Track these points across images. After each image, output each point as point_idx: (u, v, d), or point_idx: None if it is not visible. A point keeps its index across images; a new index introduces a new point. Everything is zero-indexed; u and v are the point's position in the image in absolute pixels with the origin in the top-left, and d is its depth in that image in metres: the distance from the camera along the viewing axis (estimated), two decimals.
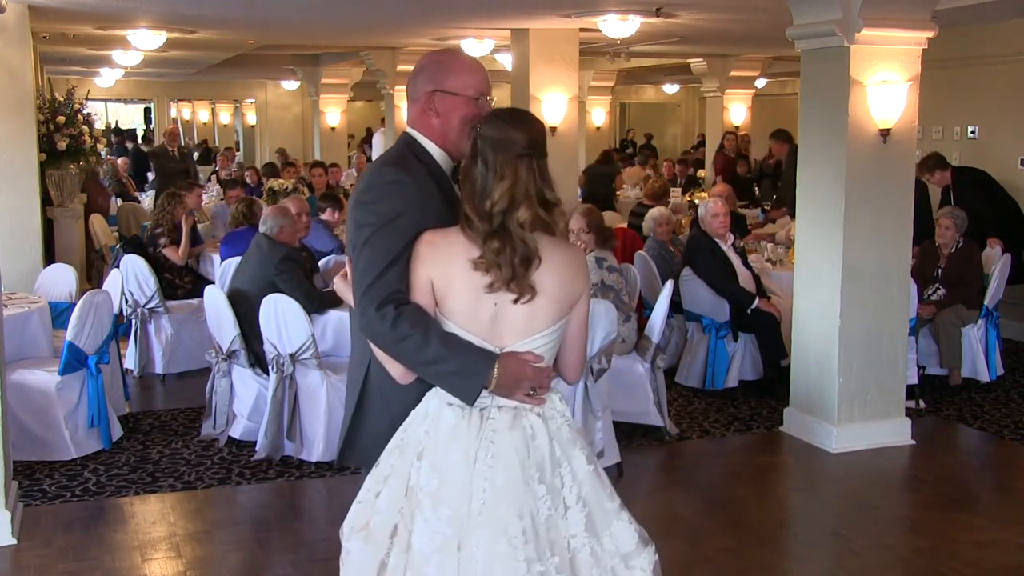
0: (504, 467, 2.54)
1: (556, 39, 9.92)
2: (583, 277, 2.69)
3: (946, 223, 7.65)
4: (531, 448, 2.58)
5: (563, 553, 2.56)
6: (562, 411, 2.69)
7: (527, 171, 2.58)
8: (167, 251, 8.35)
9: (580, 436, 2.70)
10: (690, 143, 22.43)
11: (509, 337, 2.60)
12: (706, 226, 7.49)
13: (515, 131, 2.61)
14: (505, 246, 2.54)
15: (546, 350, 2.65)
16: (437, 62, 2.89)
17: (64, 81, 16.04)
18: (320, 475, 5.77)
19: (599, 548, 2.61)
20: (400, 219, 2.64)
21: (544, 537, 2.54)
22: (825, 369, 6.28)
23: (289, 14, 10.20)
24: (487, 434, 2.57)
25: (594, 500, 2.63)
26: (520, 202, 2.55)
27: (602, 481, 2.66)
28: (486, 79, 2.84)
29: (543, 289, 2.58)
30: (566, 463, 2.61)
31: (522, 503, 2.53)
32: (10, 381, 5.58)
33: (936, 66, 7.79)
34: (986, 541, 5.03)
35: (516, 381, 2.57)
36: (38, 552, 4.77)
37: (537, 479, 2.56)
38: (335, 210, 9.05)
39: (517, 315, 2.59)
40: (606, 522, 2.64)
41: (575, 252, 2.73)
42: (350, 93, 17.16)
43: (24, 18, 8.45)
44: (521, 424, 2.60)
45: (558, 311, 2.64)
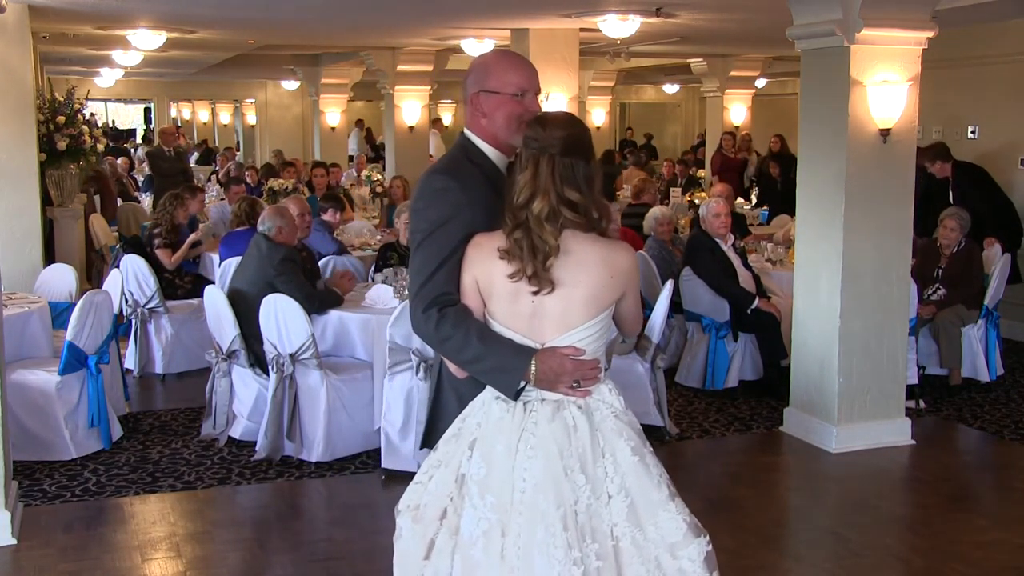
0: (543, 457, 2.63)
1: (556, 39, 9.92)
2: (625, 275, 2.75)
3: (951, 224, 7.64)
4: (572, 439, 2.67)
5: (605, 541, 2.63)
6: (610, 402, 2.75)
7: (547, 166, 2.67)
8: (160, 252, 8.33)
9: (628, 427, 2.74)
10: (690, 143, 22.42)
11: (549, 332, 2.71)
12: (707, 226, 7.50)
13: (543, 130, 2.71)
14: (523, 238, 2.65)
15: (588, 343, 2.71)
16: (480, 63, 3.00)
17: (64, 81, 16.03)
18: (320, 475, 5.77)
19: (642, 537, 2.65)
20: (448, 225, 2.76)
21: (586, 525, 2.62)
22: (825, 369, 6.28)
23: (289, 14, 10.19)
24: (528, 426, 2.68)
25: (637, 490, 2.66)
26: (537, 195, 2.66)
27: (648, 471, 2.69)
28: (529, 75, 2.90)
29: (570, 283, 2.68)
30: (609, 454, 2.68)
31: (560, 492, 2.61)
32: (10, 381, 5.58)
33: (936, 66, 7.79)
34: (986, 541, 5.03)
35: (556, 375, 2.67)
36: (38, 552, 4.77)
37: (578, 469, 2.64)
38: (336, 211, 9.05)
39: (554, 310, 2.69)
40: (650, 512, 2.67)
41: (617, 251, 2.75)
42: (350, 93, 17.17)
43: (24, 18, 8.45)
44: (562, 416, 2.69)
45: (596, 306, 2.71)
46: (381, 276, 6.73)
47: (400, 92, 13.85)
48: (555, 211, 2.65)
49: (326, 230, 8.60)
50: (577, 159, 2.69)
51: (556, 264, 2.66)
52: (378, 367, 5.85)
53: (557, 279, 2.66)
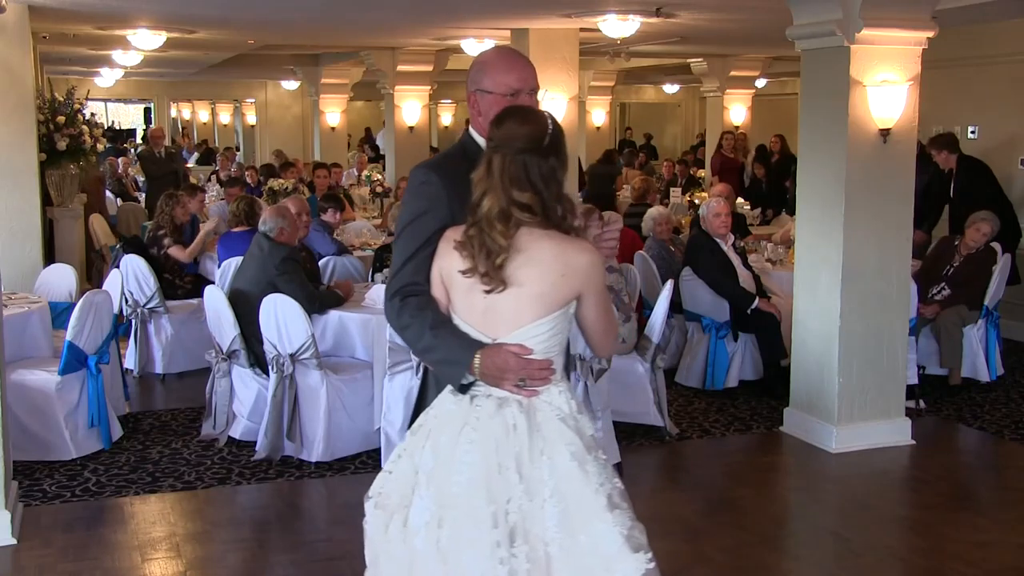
0: (480, 452, 2.63)
1: (556, 39, 9.92)
2: (580, 274, 2.67)
3: (984, 228, 7.62)
4: (511, 437, 2.64)
5: (536, 544, 2.60)
6: (557, 405, 2.70)
7: (499, 165, 2.65)
8: (173, 250, 8.36)
9: (573, 432, 2.68)
10: (690, 143, 22.43)
11: (501, 329, 2.69)
12: (707, 226, 7.50)
13: (498, 128, 2.70)
14: (476, 236, 2.65)
15: (537, 342, 2.67)
16: (477, 62, 3.02)
17: (64, 81, 16.03)
18: (320, 475, 5.77)
19: (573, 545, 2.60)
20: (423, 217, 2.82)
21: (519, 525, 2.59)
22: (825, 369, 6.28)
23: (289, 14, 10.19)
24: (471, 420, 2.68)
25: (572, 496, 2.61)
26: (488, 194, 2.65)
27: (587, 479, 2.63)
28: (524, 76, 2.91)
29: (522, 281, 2.64)
30: (547, 456, 2.63)
31: (492, 489, 2.60)
32: (10, 381, 5.58)
33: (936, 66, 7.79)
34: (986, 541, 5.03)
35: (500, 372, 2.66)
36: (38, 552, 4.77)
37: (513, 468, 2.62)
38: (336, 211, 9.05)
39: (505, 307, 2.67)
40: (584, 520, 2.61)
41: (573, 248, 2.67)
42: (350, 93, 17.16)
43: (24, 18, 8.45)
44: (503, 414, 2.67)
45: (546, 304, 2.67)
46: (381, 276, 6.74)
47: (400, 92, 13.85)
48: (505, 211, 2.63)
49: (326, 230, 8.60)
50: (533, 156, 2.64)
51: (509, 263, 2.62)
52: (378, 367, 5.85)
53: (509, 278, 2.63)
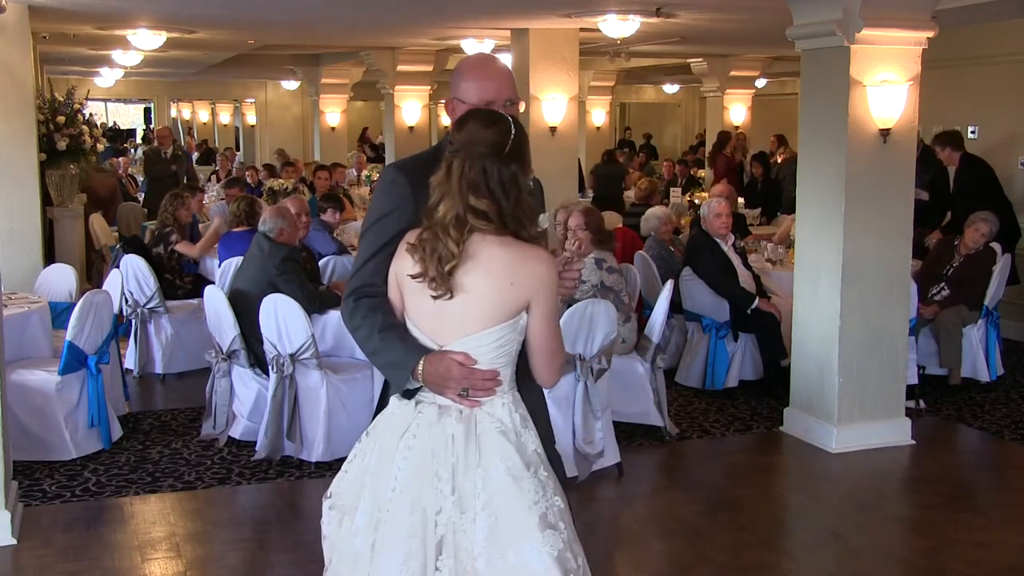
0: (416, 459, 2.61)
1: (556, 39, 9.93)
2: (530, 284, 2.59)
3: (983, 229, 7.63)
4: (448, 447, 2.60)
5: (465, 559, 2.55)
6: (499, 417, 2.63)
7: (458, 170, 2.58)
8: (181, 246, 8.38)
9: (512, 446, 2.60)
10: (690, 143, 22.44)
11: (448, 335, 2.63)
12: (708, 226, 7.50)
13: (458, 131, 2.66)
14: (429, 240, 2.59)
15: (483, 352, 2.61)
16: (456, 68, 2.98)
17: (64, 81, 16.03)
18: (320, 475, 5.77)
19: (500, 563, 2.53)
20: (387, 217, 2.79)
21: (448, 538, 2.56)
22: (825, 369, 6.28)
23: (289, 14, 10.20)
24: (413, 427, 2.65)
25: (504, 512, 2.55)
26: (444, 199, 2.59)
27: (521, 495, 2.55)
28: (497, 87, 2.86)
29: (471, 289, 2.57)
30: (482, 469, 2.58)
31: (420, 497, 2.57)
32: (10, 381, 5.58)
33: (936, 66, 7.79)
34: (986, 541, 5.03)
35: (443, 380, 2.60)
36: (38, 552, 4.77)
37: (447, 478, 2.57)
38: (336, 211, 9.05)
39: (454, 314, 2.61)
40: (513, 537, 2.54)
41: (526, 257, 2.59)
42: (350, 93, 17.17)
43: (24, 18, 8.45)
44: (443, 423, 2.63)
45: (493, 314, 2.59)
46: None
47: (400, 92, 13.86)
48: (460, 217, 2.55)
49: (325, 230, 8.60)
50: (494, 162, 2.57)
51: (460, 270, 2.56)
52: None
53: (458, 285, 2.56)
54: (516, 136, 2.64)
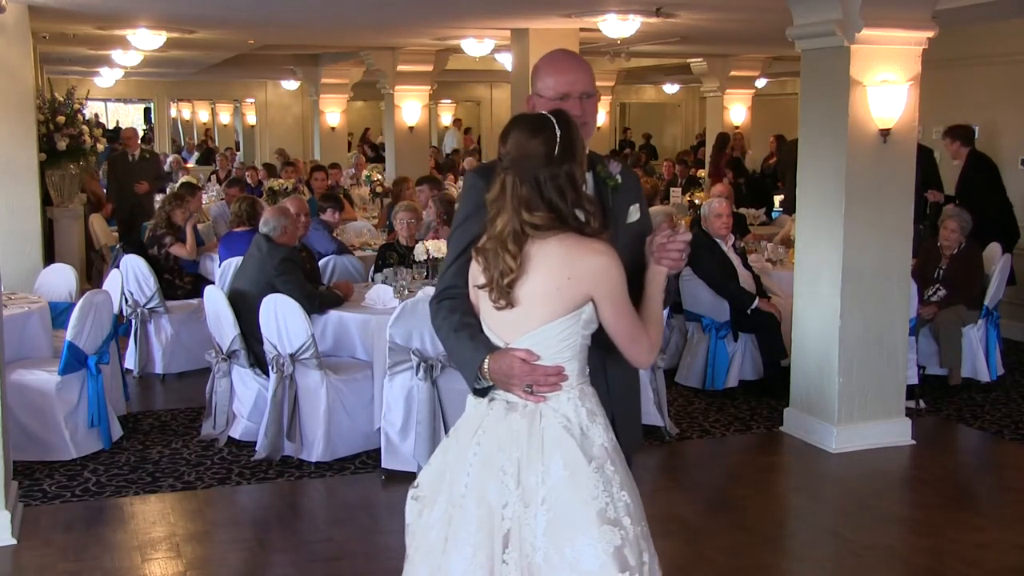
0: (484, 455, 2.66)
1: (556, 39, 9.90)
2: (588, 277, 2.61)
3: (951, 225, 7.64)
4: (513, 442, 2.64)
5: (528, 551, 2.58)
6: (564, 412, 2.66)
7: (510, 186, 2.63)
8: (174, 249, 8.37)
9: (574, 440, 2.62)
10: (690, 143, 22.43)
11: (512, 333, 2.68)
12: (708, 226, 7.50)
13: (503, 143, 2.69)
14: (491, 250, 2.65)
15: (545, 348, 2.64)
16: (535, 65, 3.01)
17: (64, 81, 16.03)
18: (320, 475, 5.77)
19: (557, 557, 2.55)
20: (468, 221, 2.86)
21: (514, 532, 2.59)
22: (825, 369, 6.28)
23: (289, 14, 10.20)
24: (484, 423, 2.71)
25: (562, 507, 2.57)
26: (501, 214, 2.64)
27: (579, 490, 2.57)
28: (570, 80, 2.89)
29: (529, 292, 2.61)
30: (543, 463, 2.61)
31: (485, 492, 2.62)
32: (10, 381, 5.58)
33: (936, 66, 7.78)
34: (986, 541, 5.03)
35: (506, 376, 2.66)
36: (38, 552, 4.77)
37: (512, 473, 2.61)
38: (335, 210, 9.05)
39: (517, 311, 2.65)
40: (570, 532, 2.56)
41: (583, 251, 2.61)
42: (350, 93, 17.17)
43: (24, 18, 8.45)
44: (509, 418, 2.67)
45: (551, 309, 2.63)
46: (381, 276, 6.74)
47: (400, 92, 13.85)
48: (518, 232, 2.60)
49: (325, 230, 8.60)
50: (546, 170, 2.60)
51: (519, 281, 2.61)
52: (378, 367, 5.85)
53: (517, 297, 2.62)
54: (563, 135, 2.64)
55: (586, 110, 2.89)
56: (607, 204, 2.88)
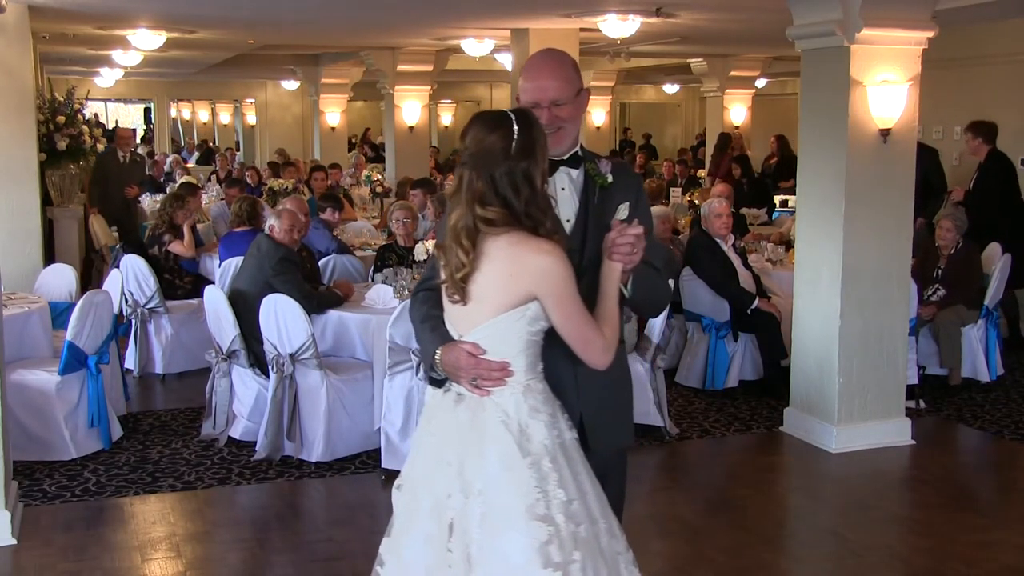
0: (434, 444, 2.75)
1: (556, 39, 9.91)
2: (533, 276, 2.61)
3: (947, 225, 7.65)
4: (457, 434, 2.69)
5: (467, 540, 2.61)
6: (505, 408, 2.67)
7: (467, 180, 2.65)
8: (173, 246, 8.36)
9: (512, 437, 2.63)
10: (690, 143, 22.43)
11: (466, 327, 2.73)
12: (708, 226, 7.50)
13: (462, 139, 2.72)
14: (449, 246, 2.68)
15: (490, 343, 2.67)
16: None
17: (64, 81, 16.04)
18: (320, 475, 5.77)
19: (489, 548, 2.59)
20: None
21: (457, 522, 2.62)
22: (825, 369, 6.28)
23: (289, 14, 10.20)
24: (437, 412, 2.79)
25: (496, 500, 2.59)
26: (456, 208, 2.67)
27: (513, 484, 2.59)
28: (542, 86, 2.89)
29: (477, 288, 2.64)
30: (481, 456, 2.64)
31: (433, 481, 2.69)
32: (10, 381, 5.58)
33: (936, 66, 7.79)
34: (986, 541, 5.03)
35: (454, 368, 2.72)
36: (38, 552, 4.77)
37: (456, 464, 2.65)
38: (335, 210, 9.05)
39: (464, 312, 2.72)
40: (502, 526, 2.58)
41: (529, 250, 2.60)
42: (350, 93, 17.17)
43: (24, 18, 8.45)
44: (456, 410, 2.73)
45: (496, 305, 2.65)
46: (381, 276, 6.74)
47: (400, 92, 13.86)
48: (470, 228, 2.62)
49: (325, 229, 8.60)
50: (501, 166, 2.60)
51: (472, 277, 2.63)
52: (378, 367, 5.85)
53: (470, 292, 2.65)
54: (522, 133, 2.64)
55: (560, 116, 2.88)
56: (592, 202, 2.88)
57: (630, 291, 2.85)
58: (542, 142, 2.69)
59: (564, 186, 2.92)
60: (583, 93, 2.98)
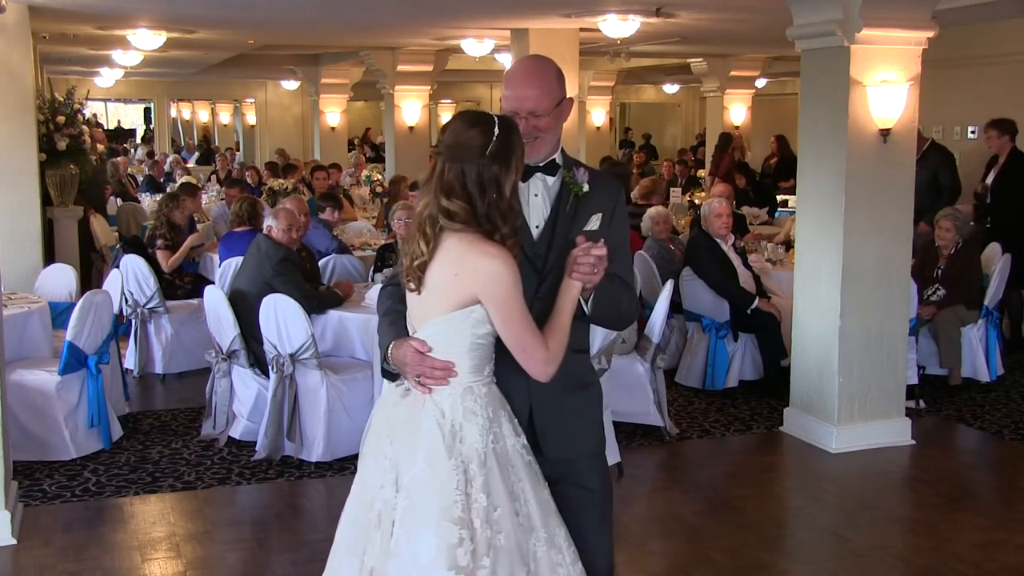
0: (373, 435, 2.82)
1: (556, 39, 9.93)
2: (478, 280, 2.61)
3: (946, 224, 7.65)
4: (395, 428, 2.74)
5: (389, 529, 2.66)
6: (443, 407, 2.67)
7: (437, 171, 2.67)
8: (159, 253, 8.35)
9: (441, 436, 2.64)
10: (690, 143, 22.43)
11: (419, 321, 2.77)
12: (708, 226, 7.50)
13: (442, 131, 2.75)
14: (411, 238, 2.72)
15: (436, 341, 2.69)
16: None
17: (64, 81, 16.04)
18: (320, 475, 5.77)
19: (404, 543, 2.61)
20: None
21: (383, 514, 2.67)
22: (825, 369, 6.28)
23: (289, 14, 10.20)
24: (383, 404, 2.86)
25: (417, 497, 2.61)
26: (424, 197, 2.70)
27: (433, 484, 2.59)
28: (520, 95, 2.86)
29: (431, 280, 2.68)
30: (412, 452, 2.67)
31: (368, 471, 2.77)
32: (10, 381, 5.58)
33: (936, 66, 7.79)
34: (986, 541, 5.03)
35: (400, 363, 2.75)
36: (38, 552, 4.77)
37: (391, 458, 2.70)
38: (335, 210, 9.05)
39: (421, 303, 2.74)
40: (418, 523, 2.59)
41: (476, 253, 2.61)
42: (350, 93, 17.17)
43: (24, 18, 8.45)
44: (398, 405, 2.78)
45: (441, 304, 2.67)
46: (381, 276, 6.74)
47: (400, 92, 13.85)
48: (433, 217, 2.63)
49: (325, 229, 8.60)
50: (473, 164, 2.61)
51: (430, 267, 2.66)
52: (378, 367, 5.84)
53: (427, 281, 2.68)
54: (501, 137, 2.64)
55: (538, 127, 2.85)
56: (563, 209, 2.85)
57: (589, 308, 2.80)
58: (519, 152, 2.70)
59: (537, 192, 2.90)
60: (565, 103, 2.95)
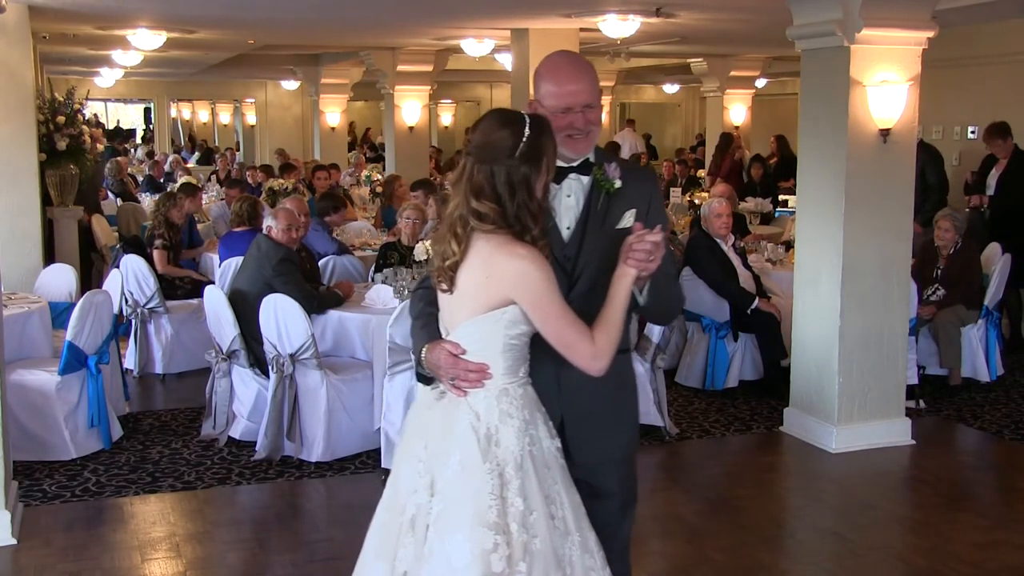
0: (407, 439, 2.81)
1: (556, 39, 9.91)
2: (509, 281, 2.60)
3: (945, 225, 7.65)
4: (429, 431, 2.73)
5: (423, 534, 2.63)
6: (476, 411, 2.66)
7: (468, 171, 2.65)
8: (156, 253, 8.35)
9: (475, 438, 2.62)
10: (690, 143, 22.44)
11: (452, 322, 2.76)
12: (708, 226, 7.50)
13: (473, 131, 2.74)
14: (443, 236, 2.70)
15: (470, 343, 2.68)
16: (537, 70, 2.93)
17: (64, 81, 16.04)
18: (320, 475, 5.77)
19: (438, 548, 2.58)
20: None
21: (418, 518, 2.64)
22: (825, 369, 6.28)
23: (289, 14, 10.20)
24: (418, 407, 2.86)
25: (452, 501, 2.59)
26: (454, 198, 2.68)
27: (467, 487, 2.57)
28: (574, 89, 2.80)
29: (463, 281, 2.67)
30: (446, 456, 2.65)
31: (399, 475, 2.75)
32: (10, 381, 5.58)
33: (936, 66, 7.79)
34: (986, 541, 5.03)
35: (434, 367, 2.75)
36: (38, 552, 4.77)
37: (425, 461, 2.67)
38: (335, 210, 9.04)
39: (454, 305, 2.73)
40: (452, 527, 2.57)
41: (505, 255, 2.59)
42: (350, 93, 17.17)
43: (24, 18, 8.45)
44: (435, 407, 2.77)
45: (473, 306, 2.66)
46: (381, 276, 6.73)
47: (400, 92, 13.85)
48: (463, 217, 2.62)
49: (325, 229, 8.60)
50: (502, 164, 2.58)
51: (461, 268, 2.64)
52: (378, 367, 5.85)
53: (459, 281, 2.67)
54: (531, 137, 2.60)
55: (590, 120, 2.82)
56: (594, 208, 2.82)
57: (644, 297, 2.76)
58: (550, 153, 2.65)
59: (571, 193, 2.84)
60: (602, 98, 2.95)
